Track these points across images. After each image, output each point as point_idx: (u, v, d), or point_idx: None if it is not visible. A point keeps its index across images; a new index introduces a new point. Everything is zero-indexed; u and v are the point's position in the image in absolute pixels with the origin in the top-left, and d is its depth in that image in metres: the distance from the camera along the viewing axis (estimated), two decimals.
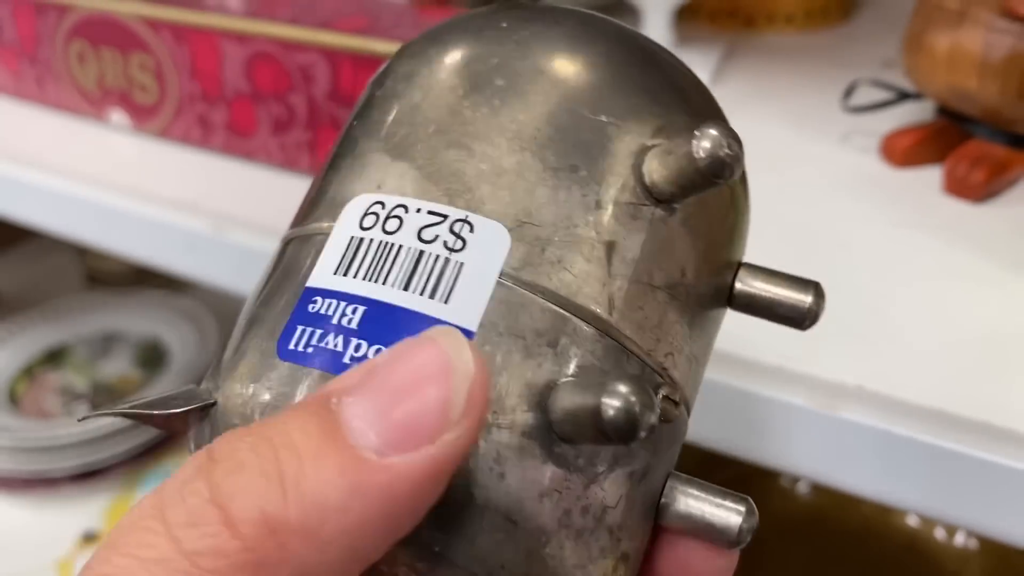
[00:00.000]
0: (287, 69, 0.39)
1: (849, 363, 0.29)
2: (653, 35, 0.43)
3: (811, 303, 0.20)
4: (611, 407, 0.15)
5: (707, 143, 0.17)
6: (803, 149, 0.43)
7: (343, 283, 0.17)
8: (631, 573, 0.18)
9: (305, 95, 0.39)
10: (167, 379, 0.70)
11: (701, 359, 0.20)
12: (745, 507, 0.18)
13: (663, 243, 0.19)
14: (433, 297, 0.17)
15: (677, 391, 0.19)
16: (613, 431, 0.15)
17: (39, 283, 0.82)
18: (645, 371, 0.18)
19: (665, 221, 0.19)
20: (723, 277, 0.20)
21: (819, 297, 0.20)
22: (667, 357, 0.18)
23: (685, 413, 0.19)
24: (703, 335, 0.20)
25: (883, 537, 0.54)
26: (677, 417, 0.19)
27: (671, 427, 0.19)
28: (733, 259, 0.21)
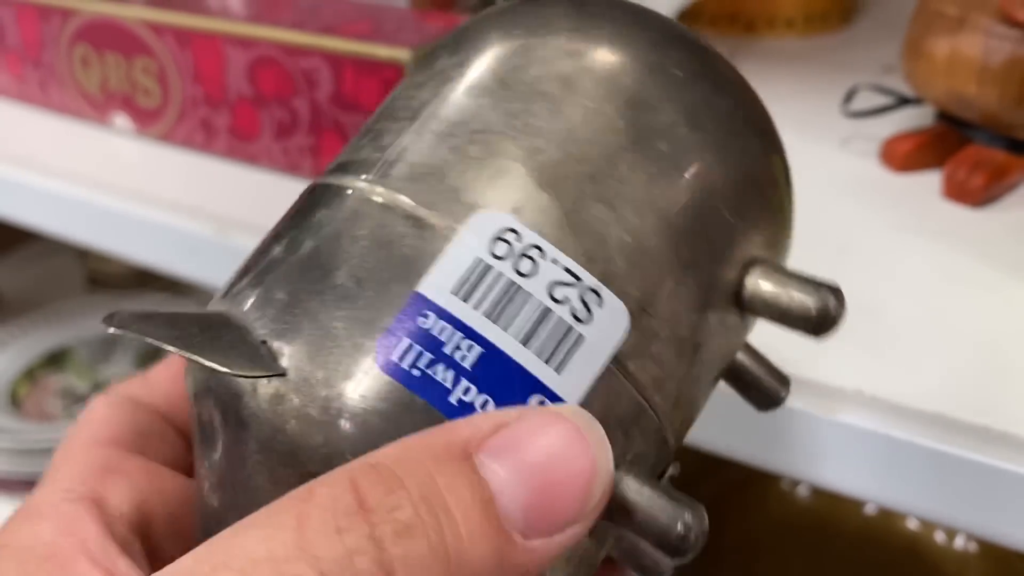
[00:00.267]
0: (290, 73, 0.39)
1: (849, 367, 0.29)
2: None
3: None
4: (676, 536, 0.15)
5: (831, 302, 0.18)
6: (803, 153, 0.43)
7: (462, 310, 0.16)
8: None
9: (308, 100, 0.39)
10: None
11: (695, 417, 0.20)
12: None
13: (732, 345, 0.19)
14: (548, 362, 0.16)
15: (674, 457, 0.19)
16: (670, 549, 0.16)
17: (41, 285, 0.82)
18: (668, 451, 0.18)
19: (741, 328, 0.19)
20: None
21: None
22: (683, 425, 0.19)
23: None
24: (707, 397, 0.20)
25: (883, 541, 0.54)
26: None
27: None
28: None
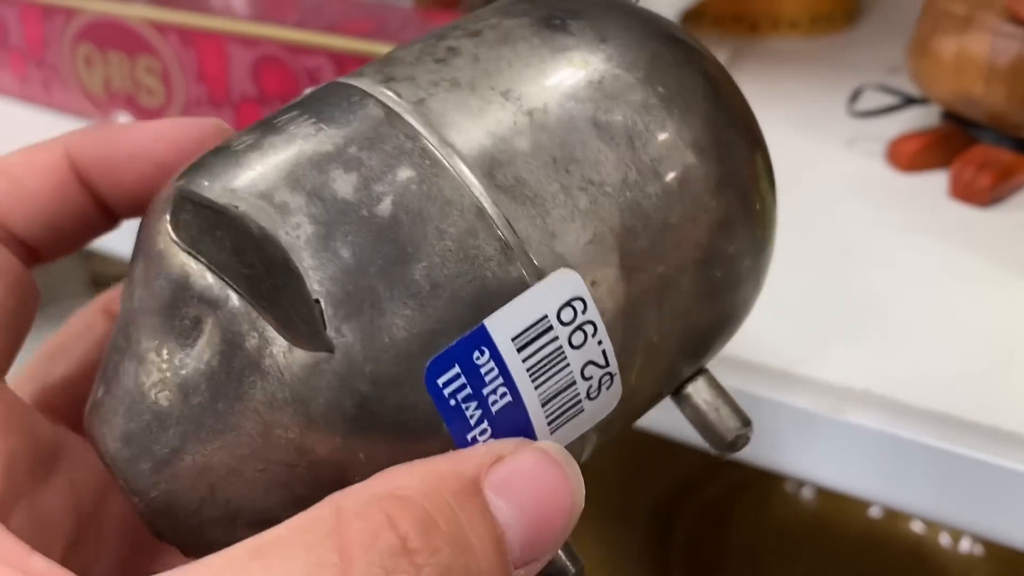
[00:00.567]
0: (294, 72, 0.39)
1: (856, 367, 0.29)
2: None
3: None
4: None
5: (747, 435, 0.20)
6: (809, 154, 0.43)
7: (513, 359, 0.16)
8: None
9: None
10: None
11: None
12: None
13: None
14: (550, 424, 0.17)
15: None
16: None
17: (42, 287, 0.82)
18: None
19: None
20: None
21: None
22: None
23: None
24: None
25: (887, 543, 0.54)
26: None
27: None
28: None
